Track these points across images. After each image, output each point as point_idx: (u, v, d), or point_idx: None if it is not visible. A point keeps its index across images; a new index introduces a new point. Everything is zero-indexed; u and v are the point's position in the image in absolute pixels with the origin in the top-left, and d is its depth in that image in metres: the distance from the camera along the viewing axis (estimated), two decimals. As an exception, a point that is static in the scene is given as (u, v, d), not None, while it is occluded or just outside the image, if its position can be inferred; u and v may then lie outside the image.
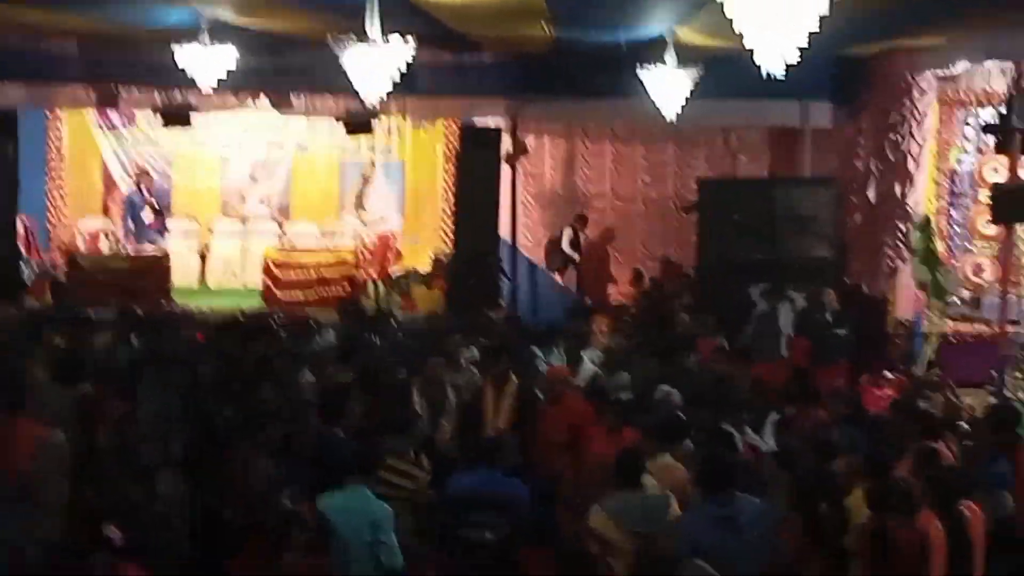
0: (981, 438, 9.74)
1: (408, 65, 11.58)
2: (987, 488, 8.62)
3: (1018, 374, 14.08)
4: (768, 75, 8.03)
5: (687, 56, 13.86)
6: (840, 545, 7.62)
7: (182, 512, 8.30)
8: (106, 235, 18.80)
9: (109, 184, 19.58)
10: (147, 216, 17.97)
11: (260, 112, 18.25)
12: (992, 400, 12.83)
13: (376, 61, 11.18)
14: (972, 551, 8.03)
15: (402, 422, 9.06)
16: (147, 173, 18.60)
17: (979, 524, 8.15)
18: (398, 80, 11.58)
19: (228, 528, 8.07)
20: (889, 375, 13.64)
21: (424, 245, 20.00)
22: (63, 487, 8.51)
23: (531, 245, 20.56)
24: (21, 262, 17.19)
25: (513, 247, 18.70)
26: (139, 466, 8.44)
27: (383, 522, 7.41)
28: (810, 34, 7.61)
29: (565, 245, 19.35)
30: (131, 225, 17.94)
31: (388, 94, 12.05)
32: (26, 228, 17.97)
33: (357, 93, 11.95)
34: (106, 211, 19.53)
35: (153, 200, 18.12)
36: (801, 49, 7.73)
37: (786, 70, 7.96)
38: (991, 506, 8.41)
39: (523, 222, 19.78)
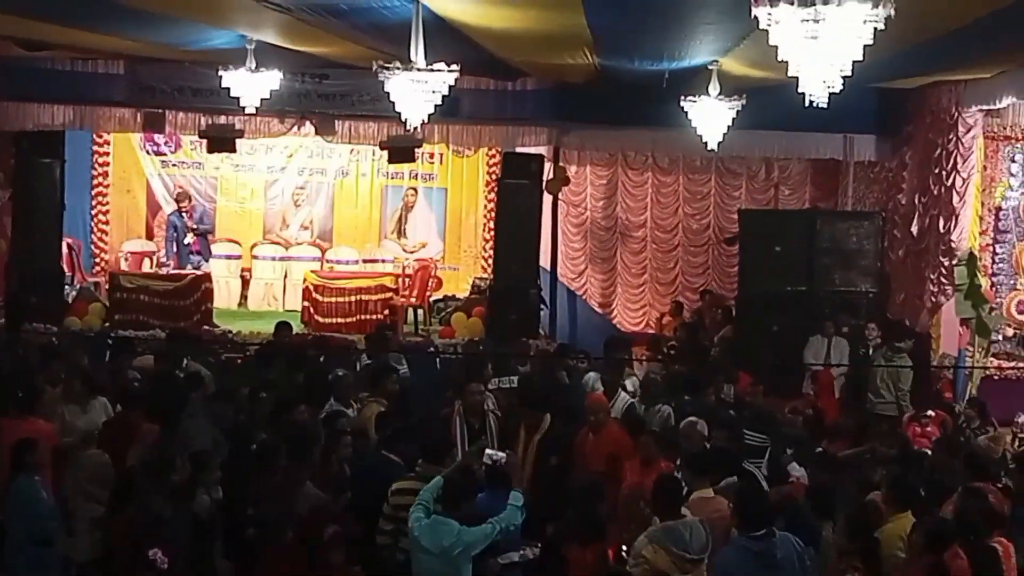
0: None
1: (451, 91, 11.61)
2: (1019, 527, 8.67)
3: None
4: (811, 106, 7.95)
5: (730, 86, 13.82)
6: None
7: (218, 533, 8.33)
8: (149, 257, 18.94)
9: (153, 207, 19.76)
10: (189, 238, 18.07)
11: (303, 138, 18.38)
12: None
13: (420, 87, 11.21)
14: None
15: (437, 448, 9.04)
16: (188, 197, 18.72)
17: (1010, 558, 8.18)
18: (440, 104, 11.60)
19: (266, 548, 8.05)
20: (932, 412, 13.49)
21: (464, 272, 20.03)
22: (97, 504, 8.62)
23: (571, 275, 20.56)
24: (65, 283, 17.31)
25: (553, 275, 18.67)
26: (176, 486, 8.43)
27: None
28: (854, 64, 7.55)
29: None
30: (173, 247, 18.03)
31: (430, 121, 12.07)
32: (70, 248, 18.12)
33: (400, 120, 11.97)
34: (150, 234, 19.69)
35: (194, 224, 18.20)
36: (845, 79, 7.67)
37: (829, 102, 7.90)
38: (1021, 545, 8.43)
39: (563, 251, 19.77)
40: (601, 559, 7.99)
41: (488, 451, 8.86)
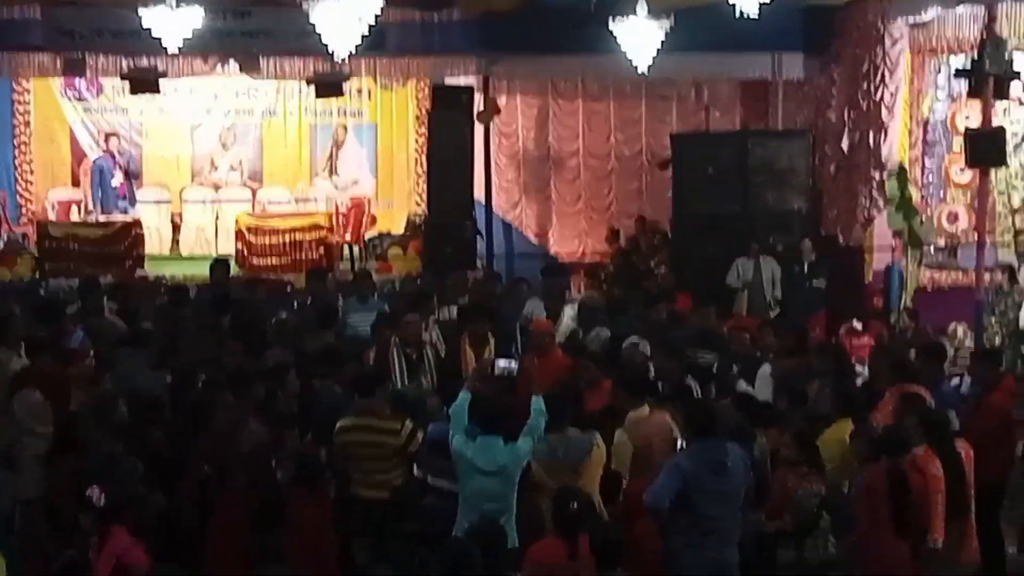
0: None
1: (377, 24, 11.47)
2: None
3: (993, 320, 14.12)
4: (740, 20, 7.96)
5: (658, 7, 13.78)
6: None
7: (165, 472, 8.27)
8: (77, 205, 18.59)
9: (78, 154, 19.33)
10: (117, 180, 17.74)
11: (228, 78, 18.09)
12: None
13: (345, 15, 11.05)
14: (967, 487, 8.45)
15: (376, 380, 9.03)
16: (116, 135, 18.38)
17: (971, 461, 8.43)
18: (367, 35, 11.45)
19: (212, 488, 8.01)
20: (865, 324, 13.68)
21: (398, 208, 19.90)
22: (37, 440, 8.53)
23: (506, 206, 20.50)
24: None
25: (488, 207, 18.60)
26: (118, 427, 8.38)
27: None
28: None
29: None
30: (100, 193, 17.69)
31: (357, 55, 11.94)
32: (-3, 201, 17.79)
33: (326, 54, 11.83)
34: (76, 182, 19.28)
35: (124, 162, 17.88)
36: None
37: (757, 21, 7.90)
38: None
39: (497, 182, 19.68)
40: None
41: (499, 362, 8.81)
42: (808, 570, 7.61)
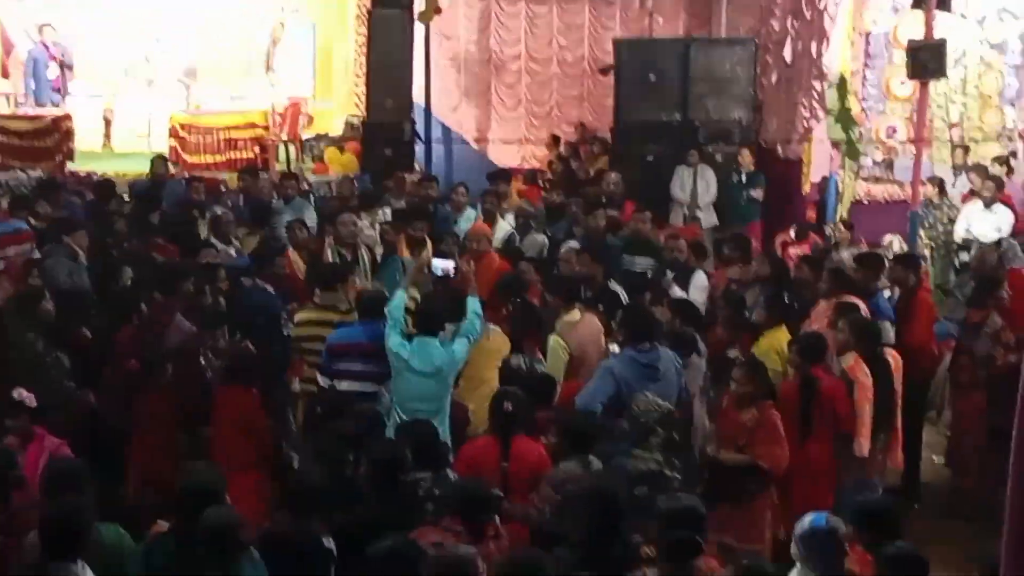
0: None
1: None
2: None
3: (922, 233, 14.22)
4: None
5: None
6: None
7: (91, 369, 8.18)
8: (6, 97, 18.12)
9: (7, 45, 18.80)
10: (52, 73, 17.29)
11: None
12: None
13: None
14: (894, 392, 8.66)
15: (340, 274, 9.13)
16: (50, 26, 17.85)
17: (899, 371, 8.55)
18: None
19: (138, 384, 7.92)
20: (801, 235, 13.74)
21: (337, 109, 19.61)
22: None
23: (446, 110, 20.27)
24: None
25: (427, 110, 18.39)
26: (44, 323, 8.25)
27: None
28: None
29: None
30: (32, 84, 17.25)
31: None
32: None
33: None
34: (5, 73, 18.80)
35: (58, 54, 17.40)
36: None
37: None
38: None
39: (437, 85, 19.42)
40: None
41: (435, 262, 8.75)
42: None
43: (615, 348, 8.24)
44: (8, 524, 5.73)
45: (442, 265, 8.74)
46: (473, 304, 8.08)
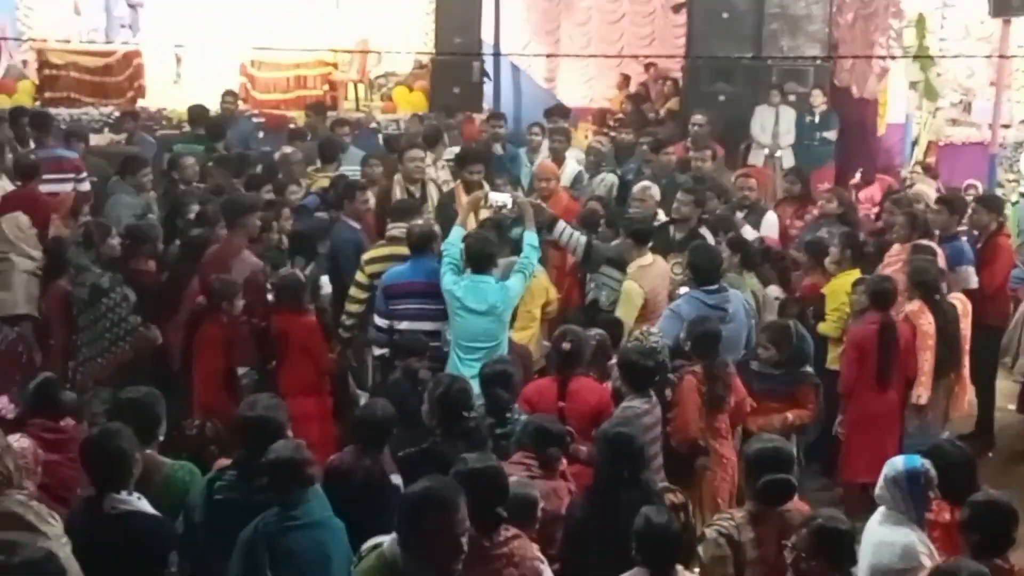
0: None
1: None
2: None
3: (1010, 176, 13.89)
4: None
5: None
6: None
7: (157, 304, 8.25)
8: (78, 34, 18.17)
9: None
10: (122, 9, 17.33)
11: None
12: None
13: None
14: (960, 342, 8.48)
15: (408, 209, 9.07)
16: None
17: (967, 316, 8.37)
18: None
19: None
20: (871, 178, 13.50)
21: (405, 47, 19.45)
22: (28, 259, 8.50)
23: (515, 48, 20.08)
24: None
25: (496, 49, 18.21)
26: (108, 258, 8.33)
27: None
28: None
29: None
30: (105, 21, 17.29)
31: None
32: (-4, 26, 17.39)
33: None
34: (77, 9, 18.83)
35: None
36: None
37: None
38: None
39: (507, 24, 19.22)
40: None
41: (492, 196, 8.65)
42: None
43: (684, 289, 8.10)
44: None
45: (498, 199, 8.60)
46: (530, 238, 7.97)
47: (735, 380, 7.20)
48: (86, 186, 10.66)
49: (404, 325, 7.94)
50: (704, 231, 9.39)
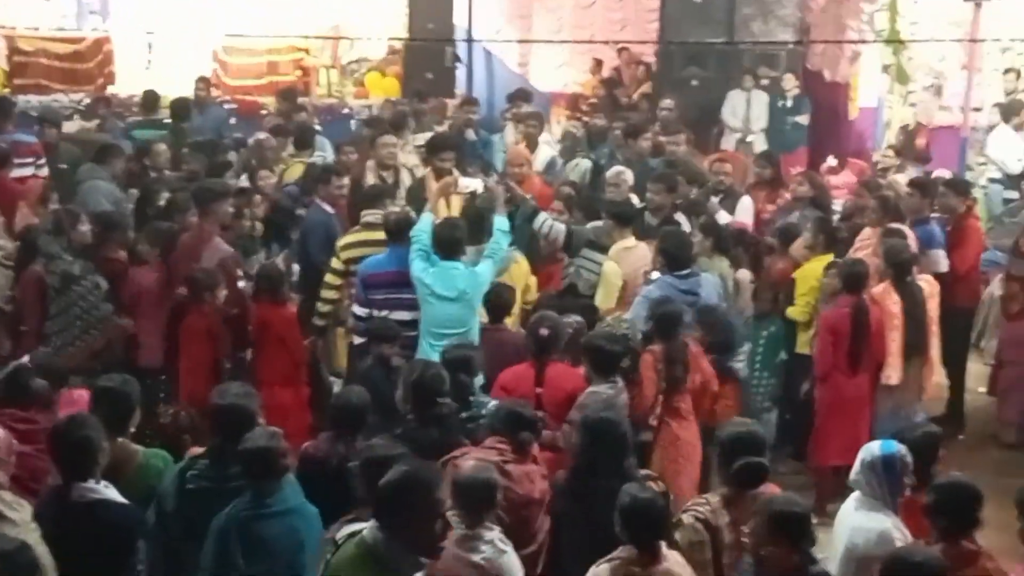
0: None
1: None
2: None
3: (980, 159, 13.96)
4: None
5: None
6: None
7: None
8: (49, 19, 18.02)
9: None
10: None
11: None
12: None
13: None
14: (927, 323, 8.50)
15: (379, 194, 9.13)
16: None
17: (934, 298, 8.42)
18: None
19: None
20: (843, 162, 13.52)
21: (378, 32, 19.39)
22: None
23: (488, 34, 20.02)
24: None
25: (469, 34, 18.16)
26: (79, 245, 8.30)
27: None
28: None
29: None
30: (76, 7, 17.17)
31: None
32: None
33: None
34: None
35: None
36: None
37: None
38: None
39: (479, 9, 19.16)
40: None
41: (462, 181, 8.64)
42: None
43: (656, 274, 8.10)
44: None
45: (469, 184, 8.60)
46: (500, 223, 7.95)
47: (700, 360, 7.22)
48: (44, 171, 10.62)
49: (383, 314, 7.93)
50: (680, 216, 9.41)
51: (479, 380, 6.79)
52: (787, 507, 4.86)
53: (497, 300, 7.72)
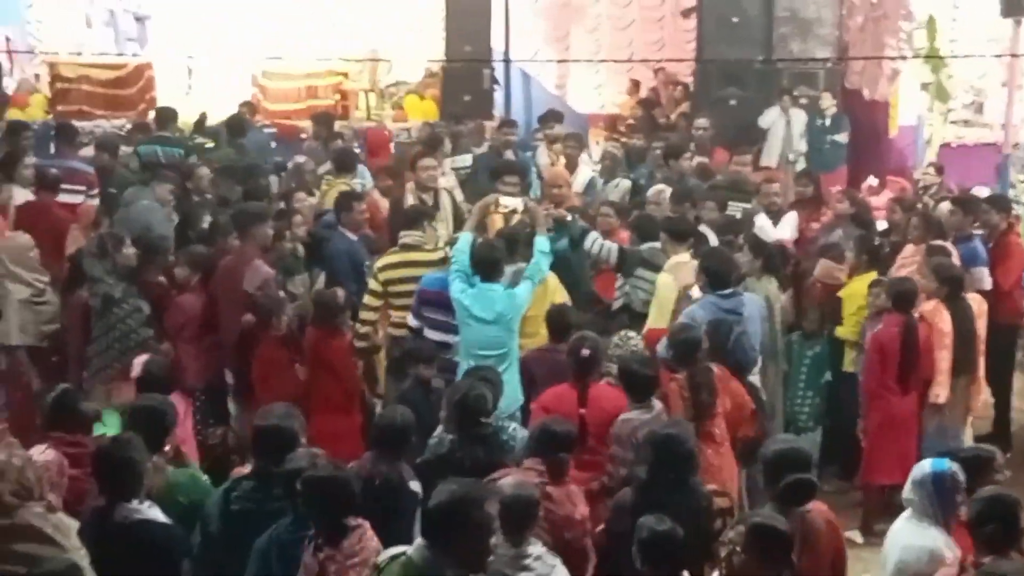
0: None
1: None
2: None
3: (1021, 176, 13.84)
4: None
5: None
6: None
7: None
8: (90, 46, 18.23)
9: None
10: (130, 22, 17.40)
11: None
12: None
13: None
14: (975, 338, 8.46)
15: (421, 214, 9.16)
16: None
17: (983, 316, 8.36)
18: None
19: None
20: (884, 181, 13.46)
21: (416, 56, 19.50)
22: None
23: (525, 56, 20.08)
24: (3, 75, 16.71)
25: (507, 56, 18.23)
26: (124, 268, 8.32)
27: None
28: None
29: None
30: (114, 34, 17.35)
31: None
32: (7, 40, 17.43)
33: None
34: (88, 22, 18.89)
35: (133, 6, 17.48)
36: None
37: None
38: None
39: (517, 31, 19.23)
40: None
41: (503, 200, 8.64)
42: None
43: (697, 293, 8.05)
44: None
45: (509, 203, 8.59)
46: (541, 244, 7.94)
47: (728, 383, 7.09)
48: (95, 201, 10.64)
49: (430, 334, 7.97)
50: (705, 230, 9.40)
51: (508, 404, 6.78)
52: (769, 522, 4.87)
53: (557, 320, 7.64)
